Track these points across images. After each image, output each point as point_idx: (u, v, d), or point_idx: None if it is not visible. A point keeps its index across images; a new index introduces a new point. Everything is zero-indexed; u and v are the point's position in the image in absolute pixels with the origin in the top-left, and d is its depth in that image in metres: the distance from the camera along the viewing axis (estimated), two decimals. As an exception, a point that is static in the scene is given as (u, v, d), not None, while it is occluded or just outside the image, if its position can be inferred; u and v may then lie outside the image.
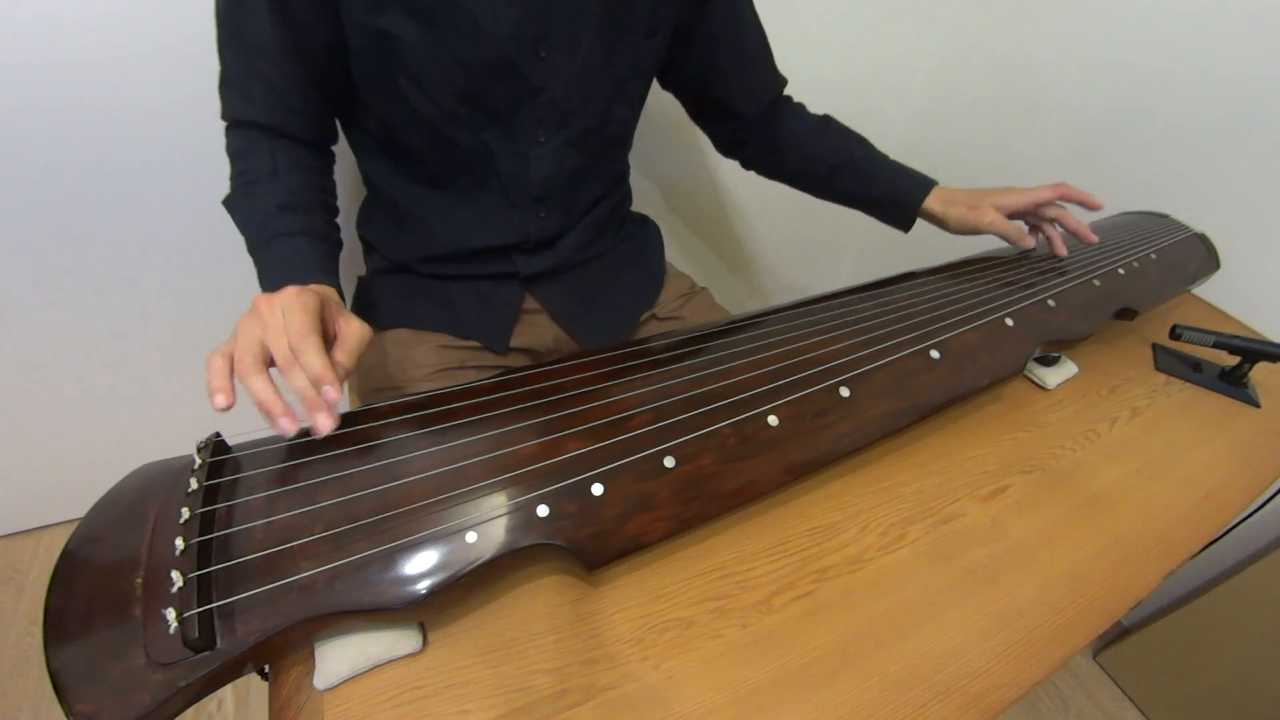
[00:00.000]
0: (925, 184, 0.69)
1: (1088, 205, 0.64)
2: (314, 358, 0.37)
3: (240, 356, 0.37)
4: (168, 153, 0.83)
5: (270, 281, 0.47)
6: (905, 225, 0.73)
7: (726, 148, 0.77)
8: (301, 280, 0.44)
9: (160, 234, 0.89)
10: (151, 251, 0.90)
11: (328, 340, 0.41)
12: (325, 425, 0.37)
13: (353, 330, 0.42)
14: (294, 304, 0.39)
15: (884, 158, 0.72)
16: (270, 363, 0.38)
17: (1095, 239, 0.67)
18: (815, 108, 0.74)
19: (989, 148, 1.19)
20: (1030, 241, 0.67)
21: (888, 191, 0.71)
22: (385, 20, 0.48)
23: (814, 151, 0.72)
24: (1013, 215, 0.67)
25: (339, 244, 0.54)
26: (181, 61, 0.76)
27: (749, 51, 0.68)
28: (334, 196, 0.56)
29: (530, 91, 0.54)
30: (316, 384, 0.37)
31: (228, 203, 0.52)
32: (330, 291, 0.45)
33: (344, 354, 0.41)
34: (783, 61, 0.71)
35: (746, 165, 0.77)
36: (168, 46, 0.75)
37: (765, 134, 0.73)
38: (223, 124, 0.53)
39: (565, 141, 0.59)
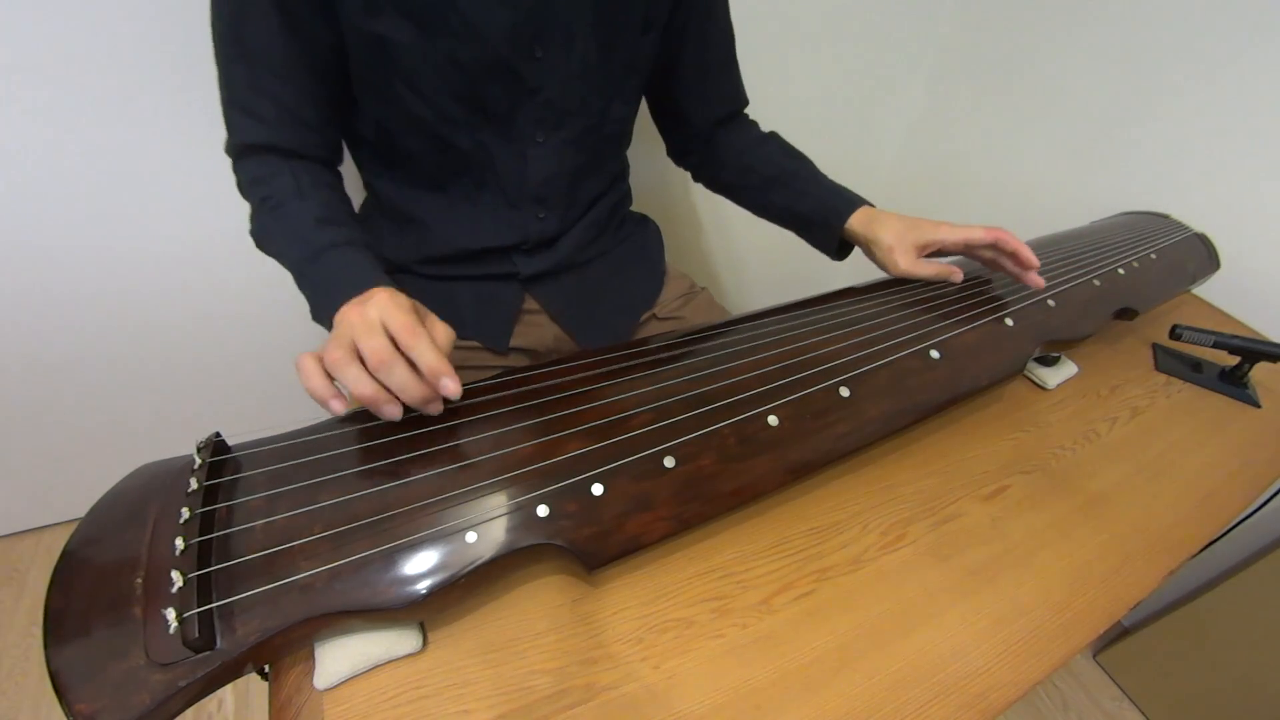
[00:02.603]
0: (853, 204, 0.64)
1: (1020, 261, 0.57)
2: (429, 352, 0.38)
3: (330, 351, 0.37)
4: (169, 154, 0.83)
5: (330, 295, 0.43)
6: (833, 250, 0.68)
7: (676, 155, 0.77)
8: (367, 286, 0.42)
9: (161, 234, 0.89)
10: (152, 251, 0.90)
11: None
12: (438, 409, 0.39)
13: (441, 334, 0.42)
14: (390, 305, 0.39)
15: (820, 176, 0.68)
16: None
17: (1041, 283, 0.58)
18: (814, 113, 0.74)
19: (989, 149, 1.19)
20: (959, 276, 0.60)
21: (815, 210, 0.66)
22: (381, 24, 0.48)
23: (750, 163, 0.70)
24: (943, 252, 0.62)
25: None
26: (183, 64, 0.76)
27: (711, 59, 0.67)
28: (354, 212, 0.55)
29: (527, 92, 0.54)
30: (434, 376, 0.38)
31: (256, 232, 0.50)
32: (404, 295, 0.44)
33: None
34: (781, 69, 0.71)
35: (695, 176, 0.76)
36: (170, 48, 0.75)
37: (710, 145, 0.72)
38: (229, 144, 0.51)
39: (563, 141, 0.59)
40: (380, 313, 0.39)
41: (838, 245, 0.67)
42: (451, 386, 0.38)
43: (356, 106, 0.56)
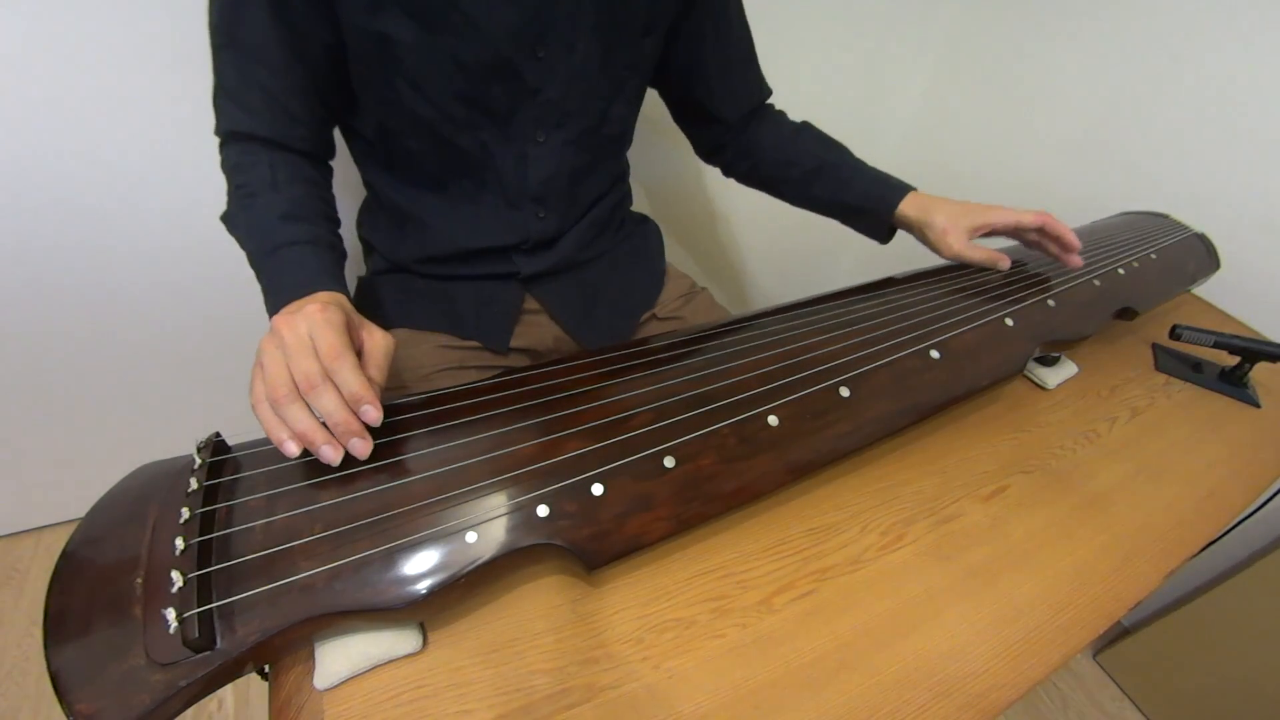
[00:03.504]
0: (901, 190, 0.67)
1: (1064, 244, 0.62)
2: (351, 377, 0.37)
3: (273, 387, 0.36)
4: (168, 154, 0.83)
5: (277, 293, 0.45)
6: (882, 235, 0.71)
7: (706, 153, 0.77)
8: (310, 290, 0.43)
9: (160, 234, 0.89)
10: (151, 251, 0.90)
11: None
12: (362, 451, 0.37)
13: (378, 343, 0.42)
14: (320, 321, 0.38)
15: (861, 164, 0.70)
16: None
17: (1080, 263, 0.63)
18: (813, 110, 0.74)
19: (989, 148, 1.19)
20: (1006, 263, 0.64)
21: (863, 198, 0.68)
22: (383, 22, 0.48)
23: (789, 157, 0.71)
24: (993, 234, 0.64)
25: (344, 254, 0.53)
26: (182, 67, 0.76)
27: (733, 55, 0.67)
28: (334, 209, 0.55)
29: (528, 92, 0.54)
30: (356, 403, 0.37)
31: (226, 218, 0.51)
32: (345, 301, 0.44)
33: (375, 369, 0.40)
34: (781, 66, 0.71)
35: (726, 172, 0.77)
36: (166, 51, 0.75)
37: (742, 140, 0.72)
38: (217, 129, 0.52)
39: (564, 141, 0.59)
40: (309, 328, 0.38)
41: (886, 230, 0.70)
42: (372, 414, 0.37)
43: (357, 105, 0.56)
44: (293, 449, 0.36)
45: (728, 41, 0.66)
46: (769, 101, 0.73)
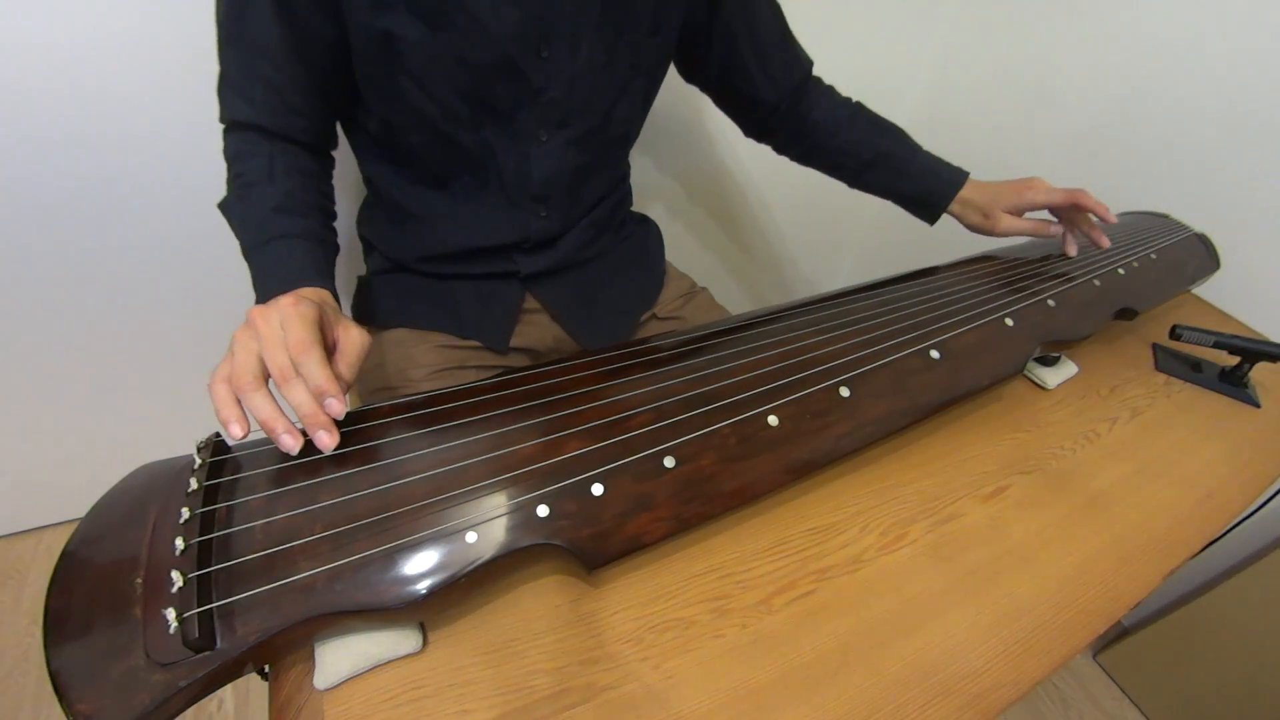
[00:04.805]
0: (953, 184, 0.70)
1: (1100, 217, 0.65)
2: (317, 370, 0.37)
3: (238, 374, 0.37)
4: (169, 153, 0.83)
5: (265, 285, 0.46)
6: (930, 221, 0.74)
7: (757, 135, 0.77)
8: (296, 284, 0.44)
9: (161, 234, 0.89)
10: (152, 251, 0.90)
11: (327, 350, 0.40)
12: (327, 443, 0.37)
13: (352, 340, 0.42)
14: (292, 314, 0.39)
15: (915, 152, 0.72)
16: (268, 376, 0.38)
17: (1108, 243, 0.68)
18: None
19: (989, 147, 1.19)
20: (1056, 230, 0.67)
21: (916, 190, 0.72)
22: (388, 20, 0.48)
23: (843, 145, 0.72)
24: (1026, 212, 0.68)
25: (336, 248, 0.54)
26: (184, 62, 0.76)
27: (767, 41, 0.67)
28: (332, 201, 0.56)
29: (532, 91, 0.54)
30: (320, 396, 0.37)
31: (223, 205, 0.51)
32: (326, 296, 0.45)
33: (345, 365, 0.41)
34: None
35: (780, 152, 0.77)
36: (171, 46, 0.75)
37: (793, 120, 0.72)
38: (220, 126, 0.53)
39: (566, 140, 0.59)
40: (281, 319, 0.39)
41: (935, 217, 0.74)
42: (335, 406, 0.38)
43: (360, 100, 0.56)
44: (237, 431, 0.36)
45: (760, 30, 0.66)
46: (815, 75, 0.72)
